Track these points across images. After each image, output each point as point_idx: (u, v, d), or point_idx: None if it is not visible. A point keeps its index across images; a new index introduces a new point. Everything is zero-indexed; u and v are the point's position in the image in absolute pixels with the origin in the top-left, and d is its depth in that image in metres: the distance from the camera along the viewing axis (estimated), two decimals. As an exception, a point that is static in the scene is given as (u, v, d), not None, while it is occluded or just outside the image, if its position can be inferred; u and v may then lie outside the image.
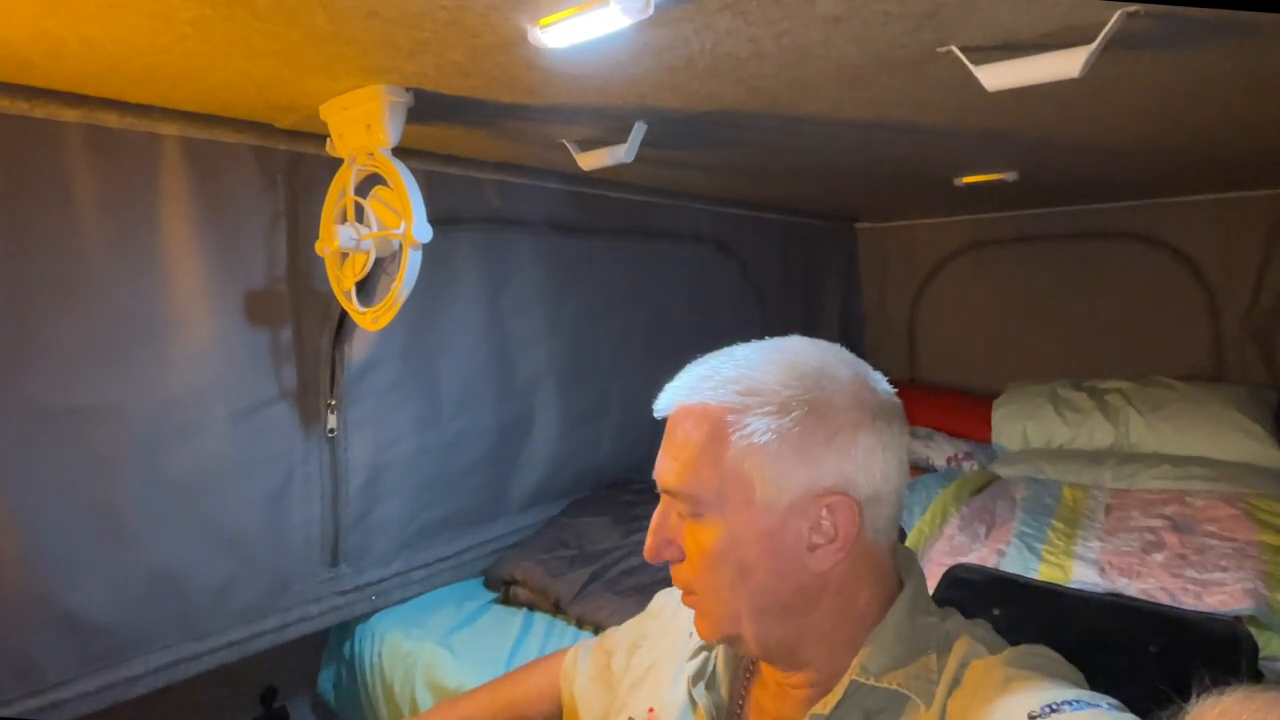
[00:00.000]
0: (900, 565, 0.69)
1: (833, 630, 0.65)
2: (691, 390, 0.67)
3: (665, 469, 0.67)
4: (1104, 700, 0.52)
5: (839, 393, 0.63)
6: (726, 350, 0.69)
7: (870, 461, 0.62)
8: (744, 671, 0.75)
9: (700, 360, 0.70)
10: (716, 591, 0.65)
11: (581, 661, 0.93)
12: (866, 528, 0.63)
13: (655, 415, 0.71)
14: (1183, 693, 0.43)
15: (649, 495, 1.97)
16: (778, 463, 0.61)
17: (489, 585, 1.72)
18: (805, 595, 0.63)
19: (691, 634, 0.79)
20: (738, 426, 0.62)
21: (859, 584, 0.65)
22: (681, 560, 0.67)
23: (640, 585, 1.50)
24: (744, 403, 0.62)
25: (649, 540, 0.69)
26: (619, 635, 0.92)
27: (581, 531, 1.76)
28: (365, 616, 1.59)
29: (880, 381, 0.67)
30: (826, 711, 0.62)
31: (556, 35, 0.80)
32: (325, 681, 1.68)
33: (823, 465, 0.61)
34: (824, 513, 0.61)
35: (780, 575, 0.63)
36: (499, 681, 0.98)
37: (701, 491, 0.63)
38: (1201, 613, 0.96)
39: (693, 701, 0.73)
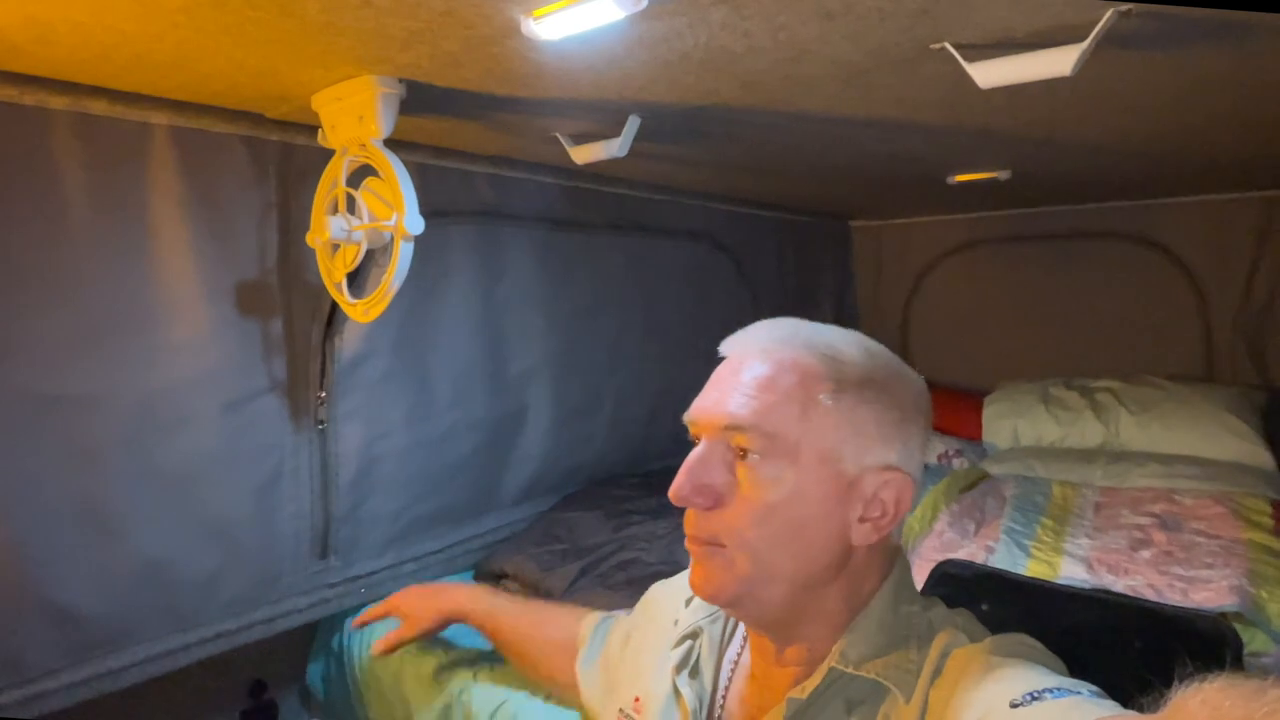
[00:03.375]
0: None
1: (836, 611, 0.66)
2: (774, 340, 0.68)
3: (736, 404, 0.64)
4: (1085, 688, 0.53)
5: (907, 385, 0.68)
6: (791, 319, 0.71)
7: (919, 454, 0.67)
8: (729, 662, 0.75)
9: (771, 320, 0.71)
10: (755, 545, 0.63)
11: (594, 639, 0.93)
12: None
13: (721, 353, 0.71)
14: (1168, 687, 0.44)
15: (641, 490, 1.97)
16: (859, 431, 0.64)
17: (479, 579, 1.72)
18: (832, 568, 0.65)
19: (676, 622, 0.79)
20: (827, 386, 0.64)
21: (870, 569, 0.67)
22: (714, 508, 0.64)
23: (631, 579, 1.50)
24: (834, 367, 0.65)
25: (682, 478, 0.64)
26: (622, 623, 0.93)
27: (573, 526, 1.76)
28: (355, 609, 1.58)
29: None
30: (804, 696, 0.63)
31: (550, 27, 0.80)
32: (314, 674, 1.68)
33: (892, 444, 0.65)
34: (883, 488, 0.64)
35: (826, 541, 0.64)
36: (533, 603, 1.12)
37: (785, 432, 0.62)
38: (1187, 609, 0.97)
39: (676, 691, 0.73)
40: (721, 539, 0.64)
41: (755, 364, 0.66)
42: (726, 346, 0.70)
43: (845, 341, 0.68)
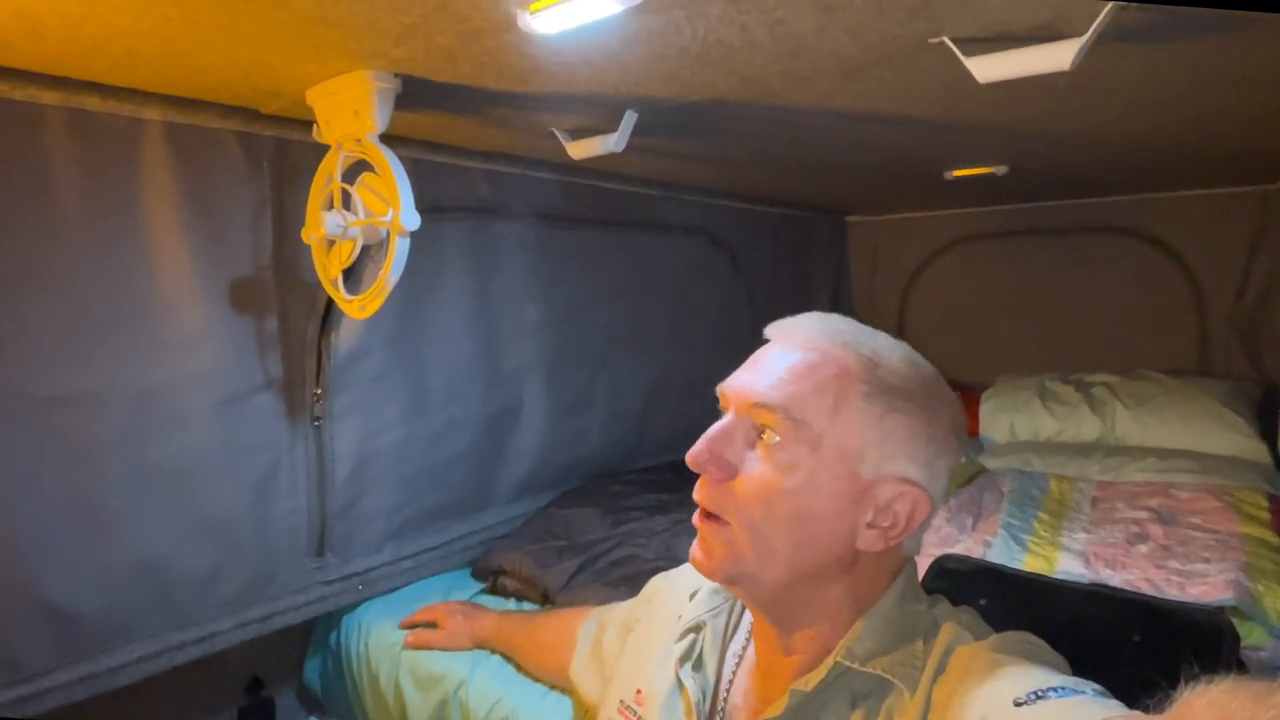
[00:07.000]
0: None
1: (838, 609, 0.66)
2: (821, 332, 0.68)
3: (768, 385, 0.65)
4: (1089, 686, 0.53)
5: (945, 406, 0.68)
6: (845, 318, 0.72)
7: (944, 478, 0.67)
8: (732, 655, 0.75)
9: (824, 314, 0.72)
10: (757, 526, 0.64)
11: (583, 638, 0.94)
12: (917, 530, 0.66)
13: (766, 336, 0.71)
14: (1167, 681, 0.44)
15: (639, 487, 1.97)
16: (886, 438, 0.64)
17: (476, 576, 1.72)
18: (836, 566, 0.65)
19: (680, 616, 0.79)
20: (865, 388, 0.64)
21: (878, 574, 0.67)
22: (726, 480, 0.65)
23: (629, 576, 1.50)
24: (874, 371, 0.65)
25: (702, 444, 0.65)
26: (613, 613, 0.94)
27: (570, 522, 1.76)
28: (351, 607, 1.59)
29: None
30: (808, 689, 0.63)
31: (547, 21, 0.79)
32: (311, 671, 1.68)
33: (916, 459, 0.64)
34: (898, 500, 0.64)
35: (831, 537, 0.64)
36: (542, 617, 1.15)
37: (812, 420, 0.63)
38: (1185, 603, 0.97)
39: (680, 683, 0.73)
40: (726, 513, 0.65)
41: (797, 351, 0.67)
42: (773, 330, 0.71)
43: (891, 350, 0.69)
